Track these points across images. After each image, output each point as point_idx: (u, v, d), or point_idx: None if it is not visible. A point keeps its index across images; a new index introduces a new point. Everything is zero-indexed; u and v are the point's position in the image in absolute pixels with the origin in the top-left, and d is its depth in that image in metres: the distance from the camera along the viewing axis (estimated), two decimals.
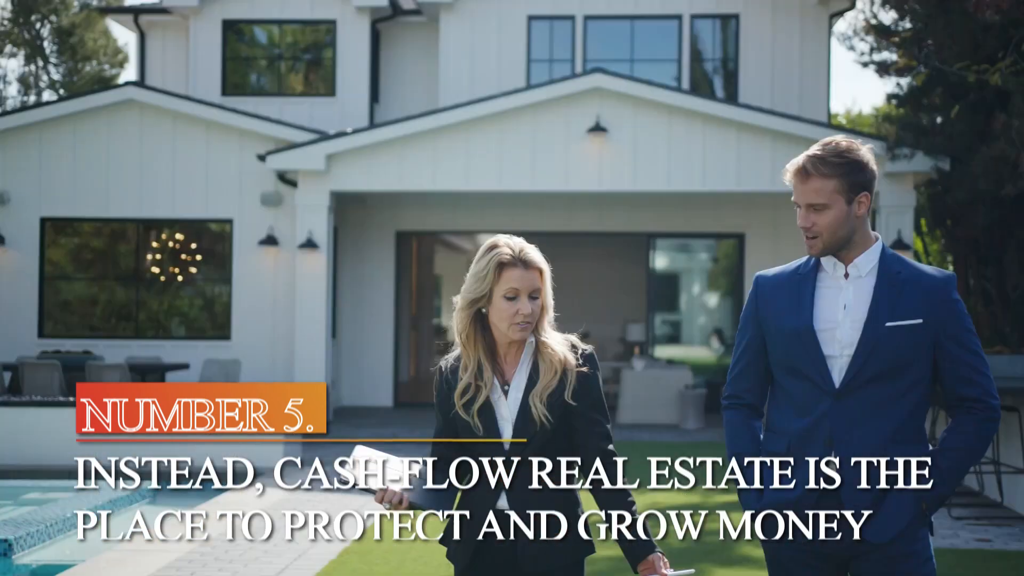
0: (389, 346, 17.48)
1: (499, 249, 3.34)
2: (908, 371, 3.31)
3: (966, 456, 3.33)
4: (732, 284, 17.85)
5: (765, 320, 3.45)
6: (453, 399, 3.37)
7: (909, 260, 3.42)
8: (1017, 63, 11.59)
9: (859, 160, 3.29)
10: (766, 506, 3.36)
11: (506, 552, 3.32)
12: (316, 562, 7.17)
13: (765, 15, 17.65)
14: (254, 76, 18.57)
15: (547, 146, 14.85)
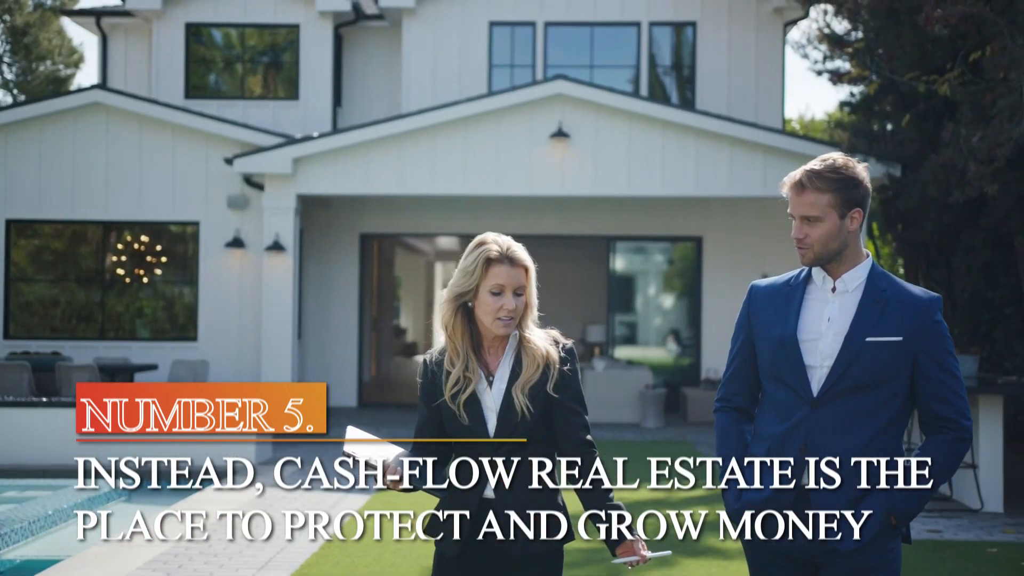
0: (353, 347, 17.70)
1: (487, 246, 3.45)
2: (885, 386, 3.41)
3: (937, 475, 3.40)
4: (689, 286, 18.23)
5: (755, 328, 3.57)
6: (440, 389, 3.49)
7: (897, 279, 3.52)
8: (964, 75, 12.03)
9: (854, 177, 3.42)
10: (742, 507, 3.49)
11: (493, 537, 3.42)
12: (297, 556, 7.41)
13: (722, 23, 18.05)
14: (217, 79, 18.69)
15: (511, 151, 15.15)
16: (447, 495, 3.47)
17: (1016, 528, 8.60)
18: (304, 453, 12.41)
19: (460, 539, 3.44)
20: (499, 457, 3.43)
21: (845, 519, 3.36)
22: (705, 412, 16.01)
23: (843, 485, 3.37)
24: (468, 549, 3.46)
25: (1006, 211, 12.52)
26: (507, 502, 3.42)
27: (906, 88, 13.33)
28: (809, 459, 3.38)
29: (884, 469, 3.39)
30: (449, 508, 3.47)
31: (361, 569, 7.08)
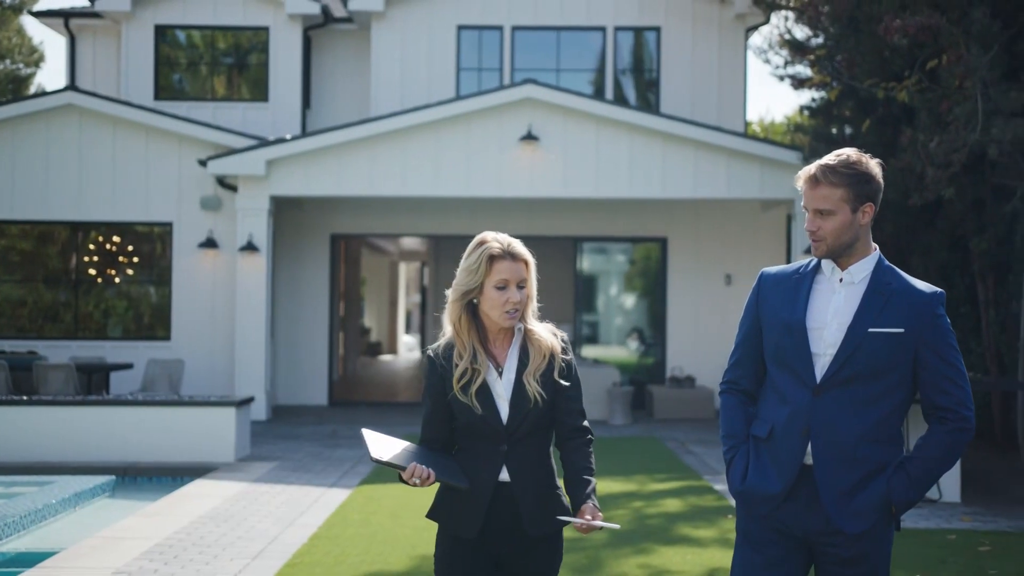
0: (324, 346, 17.92)
1: (488, 244, 3.62)
2: (886, 376, 3.49)
3: (937, 465, 3.50)
4: (653, 285, 18.58)
5: (763, 312, 3.65)
6: (449, 383, 3.62)
7: (902, 273, 3.58)
8: (922, 82, 12.46)
9: (867, 172, 3.49)
10: (748, 490, 3.58)
11: (510, 519, 3.60)
12: (289, 546, 7.65)
13: (685, 28, 18.43)
14: (187, 80, 18.81)
15: (481, 153, 15.44)
16: (469, 474, 3.60)
17: (972, 516, 9.01)
18: (280, 450, 12.66)
19: (480, 521, 3.57)
20: (512, 443, 3.60)
21: (850, 501, 3.47)
22: (670, 409, 16.37)
23: (845, 471, 3.47)
24: (486, 531, 3.60)
25: (961, 214, 12.96)
26: (522, 485, 3.60)
27: (866, 94, 13.74)
28: (812, 446, 3.48)
29: (885, 457, 3.50)
30: (466, 494, 3.59)
31: (352, 558, 7.34)
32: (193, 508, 8.99)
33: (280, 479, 10.58)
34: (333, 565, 7.12)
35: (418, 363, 29.41)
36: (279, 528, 8.27)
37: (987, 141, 11.31)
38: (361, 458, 12.07)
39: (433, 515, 3.70)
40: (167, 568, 6.94)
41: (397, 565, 7.18)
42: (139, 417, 11.51)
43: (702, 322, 17.72)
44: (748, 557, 3.60)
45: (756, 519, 3.58)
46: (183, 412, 11.55)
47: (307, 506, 9.22)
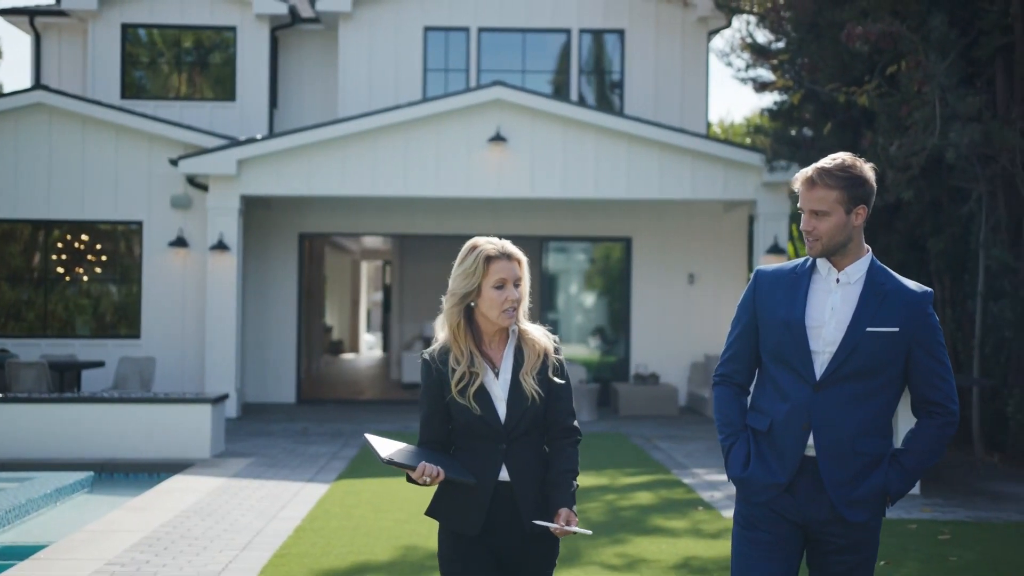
0: (292, 344, 18.05)
1: (483, 247, 3.72)
2: (881, 372, 3.63)
3: (927, 457, 3.68)
4: (613, 284, 18.86)
5: (761, 309, 3.76)
6: (447, 386, 3.70)
7: (893, 273, 3.72)
8: (882, 87, 12.83)
9: (860, 176, 3.62)
10: (751, 478, 3.70)
11: (511, 515, 3.69)
12: (275, 538, 7.85)
13: (649, 31, 18.73)
14: (154, 79, 18.85)
15: (450, 154, 15.65)
16: (474, 472, 3.68)
17: (932, 507, 9.36)
18: (254, 447, 12.81)
19: (483, 519, 3.67)
20: (510, 442, 3.70)
21: (851, 492, 3.62)
22: (636, 406, 16.66)
23: (846, 463, 3.62)
24: (487, 528, 3.69)
25: (919, 215, 13.35)
26: (522, 483, 3.70)
27: (827, 98, 14.10)
28: (813, 440, 3.63)
29: (880, 450, 3.66)
30: (468, 492, 3.69)
31: (338, 549, 7.55)
32: (176, 502, 9.16)
33: (258, 474, 10.75)
34: (320, 556, 7.32)
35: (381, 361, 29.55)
36: (263, 521, 8.46)
37: (945, 145, 11.69)
38: (335, 454, 12.26)
39: (433, 513, 3.78)
40: (158, 559, 7.12)
41: (383, 556, 7.39)
42: (116, 414, 11.64)
43: (666, 320, 18.03)
44: (748, 540, 3.72)
45: (755, 505, 3.71)
46: (160, 409, 11.69)
47: (287, 500, 9.41)
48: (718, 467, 11.55)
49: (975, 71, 12.75)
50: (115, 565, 6.93)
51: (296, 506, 9.15)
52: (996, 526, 8.69)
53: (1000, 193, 12.42)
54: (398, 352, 22.74)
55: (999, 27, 12.29)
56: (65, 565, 6.90)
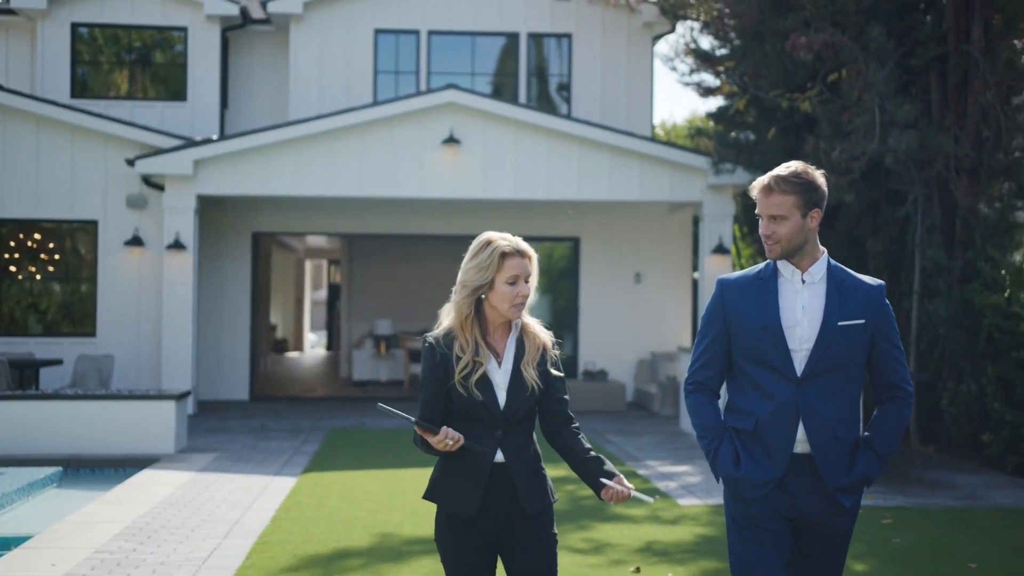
0: (246, 342, 18.25)
1: (497, 243, 3.87)
2: (852, 364, 3.87)
3: (894, 439, 3.94)
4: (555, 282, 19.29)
5: (732, 316, 3.93)
6: (451, 369, 3.85)
7: (848, 270, 3.96)
8: (823, 93, 13.39)
9: (813, 181, 3.86)
10: (746, 477, 3.85)
11: (507, 496, 3.85)
12: (253, 527, 8.14)
13: (595, 35, 19.17)
14: (104, 79, 18.90)
15: (405, 155, 15.97)
16: (465, 456, 3.82)
17: (875, 495, 9.88)
18: (216, 442, 13.04)
19: (479, 500, 3.82)
20: (507, 428, 3.86)
21: (843, 482, 3.84)
22: (585, 401, 17.08)
23: (836, 453, 3.84)
24: (484, 508, 3.84)
25: (858, 216, 13.92)
26: (517, 466, 3.86)
27: (770, 103, 14.64)
28: (800, 431, 3.82)
29: (856, 435, 3.90)
30: (464, 474, 3.84)
31: (317, 537, 7.87)
32: (150, 495, 9.40)
33: (224, 468, 11.01)
34: (301, 543, 7.64)
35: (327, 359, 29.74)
36: (238, 512, 8.75)
37: (884, 150, 12.27)
38: (297, 449, 12.54)
39: (431, 496, 3.92)
40: (144, 548, 7.39)
41: (361, 542, 7.73)
42: (81, 411, 11.83)
43: (613, 319, 18.50)
44: (747, 540, 3.88)
45: (750, 503, 3.87)
46: (125, 406, 11.90)
47: (258, 493, 9.70)
48: (671, 459, 12.01)
49: (911, 79, 13.33)
50: (103, 553, 7.19)
51: (268, 498, 9.44)
52: (934, 511, 9.24)
53: (935, 196, 13.01)
54: (348, 350, 22.98)
55: (934, 38, 12.89)
56: (55, 553, 7.15)
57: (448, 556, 3.89)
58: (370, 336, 21.64)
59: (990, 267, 12.15)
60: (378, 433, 14.09)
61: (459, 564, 3.86)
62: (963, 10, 12.67)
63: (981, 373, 12.05)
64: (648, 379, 18.14)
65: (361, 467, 11.25)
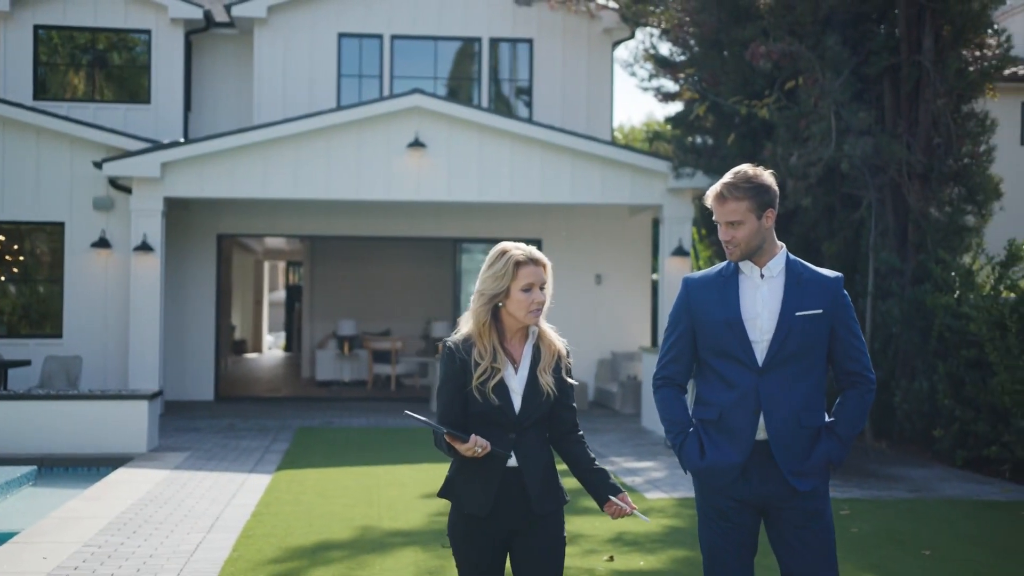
0: (211, 343, 18.41)
1: (512, 252, 3.99)
2: (812, 352, 4.02)
3: (857, 423, 4.08)
4: None
5: (696, 313, 4.12)
6: (469, 373, 3.96)
7: (806, 263, 4.12)
8: (781, 100, 13.79)
9: (763, 184, 4.01)
10: (711, 465, 4.03)
11: (519, 498, 3.97)
12: (235, 522, 8.37)
13: (556, 40, 19.51)
14: (67, 82, 18.94)
15: (371, 158, 16.19)
16: (480, 459, 3.93)
17: (832, 487, 10.20)
18: (187, 441, 13.22)
19: (491, 501, 3.94)
20: (520, 432, 3.98)
21: (800, 467, 3.99)
22: None
23: (795, 439, 3.99)
24: (496, 509, 3.96)
25: (815, 220, 14.33)
26: (529, 469, 3.98)
27: (729, 109, 15.03)
28: (761, 418, 3.99)
29: (820, 422, 4.05)
30: (478, 476, 3.97)
31: (299, 530, 8.11)
32: (129, 492, 9.59)
33: (198, 467, 11.21)
34: (284, 536, 7.89)
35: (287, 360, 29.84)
36: (218, 508, 8.97)
37: (840, 156, 12.68)
38: (268, 447, 12.75)
39: (445, 494, 4.07)
40: (132, 541, 7.61)
41: (342, 535, 7.99)
42: (56, 410, 11.97)
43: (574, 319, 18.81)
44: (718, 533, 4.08)
45: (716, 493, 4.06)
46: (99, 405, 12.06)
47: (235, 489, 9.91)
48: (635, 455, 12.36)
49: (865, 88, 13.75)
50: (92, 547, 7.40)
51: (245, 494, 9.66)
52: (889, 502, 9.64)
53: (888, 201, 13.44)
54: (311, 351, 23.15)
55: (887, 48, 13.32)
56: (44, 547, 7.34)
57: (460, 553, 4.02)
58: (334, 337, 21.83)
59: (941, 269, 12.59)
60: (346, 432, 14.32)
61: (470, 562, 4.00)
62: (915, 21, 13.12)
63: (932, 371, 12.49)
64: (609, 378, 18.49)
65: (333, 464, 11.49)
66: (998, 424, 11.34)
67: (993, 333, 11.20)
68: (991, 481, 10.95)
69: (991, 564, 7.41)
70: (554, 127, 16.65)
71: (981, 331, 11.30)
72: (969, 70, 13.10)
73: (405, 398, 19.01)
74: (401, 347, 20.91)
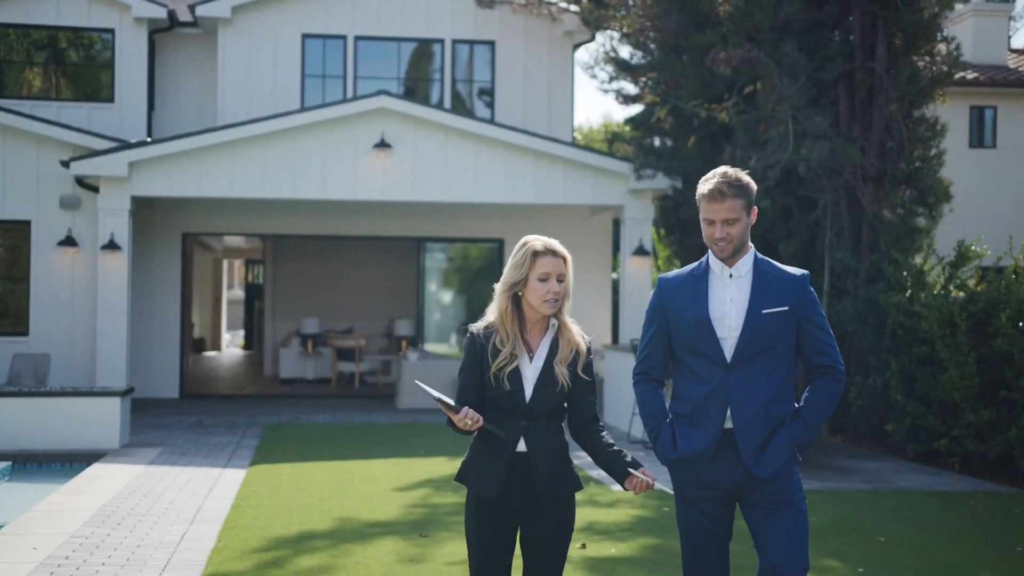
0: (176, 341, 18.55)
1: (532, 243, 4.18)
2: (779, 347, 4.21)
3: (824, 409, 4.27)
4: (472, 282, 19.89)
5: (669, 311, 4.33)
6: (488, 362, 4.14)
7: (774, 262, 4.32)
8: (739, 104, 14.18)
9: (750, 184, 4.24)
10: (682, 456, 4.23)
11: (526, 483, 4.14)
12: (217, 514, 8.60)
13: (518, 43, 19.81)
14: (29, 80, 18.96)
15: (337, 159, 16.41)
16: (492, 444, 4.13)
17: None
18: (157, 438, 13.39)
19: (500, 484, 4.11)
20: (530, 419, 4.14)
21: (763, 452, 4.18)
22: None
23: (759, 429, 4.19)
24: (505, 492, 4.13)
25: (772, 221, 14.74)
26: (537, 455, 4.13)
27: (688, 112, 15.41)
28: (731, 413, 4.19)
29: (788, 411, 4.25)
30: (489, 460, 4.15)
31: (279, 521, 8.36)
32: (108, 486, 9.78)
33: (172, 462, 11.40)
34: (266, 527, 8.14)
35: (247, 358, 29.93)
36: (198, 500, 9.19)
37: (797, 160, 13.09)
38: (239, 443, 12.97)
39: (460, 478, 4.26)
40: (118, 532, 7.82)
41: (322, 526, 8.24)
42: (29, 407, 12.12)
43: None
44: (694, 519, 4.30)
45: (691, 482, 4.28)
46: (71, 402, 12.23)
47: (212, 483, 10.13)
48: None
49: (821, 93, 14.17)
50: (79, 538, 7.61)
51: (222, 488, 9.89)
52: (845, 494, 10.04)
53: (843, 202, 13.87)
54: (274, 349, 23.31)
55: (842, 55, 13.74)
56: (34, 539, 7.54)
57: (472, 534, 4.21)
58: (297, 335, 22.01)
59: (893, 269, 13.03)
60: (314, 428, 14.55)
61: (480, 541, 4.18)
62: (868, 29, 13.55)
63: (885, 368, 12.93)
64: None
65: (305, 459, 11.72)
66: (948, 418, 11.78)
67: (943, 331, 11.64)
68: (941, 473, 11.40)
69: (943, 549, 7.82)
70: (517, 129, 16.93)
71: (932, 329, 11.73)
72: (920, 77, 13.53)
73: (368, 395, 19.24)
74: (365, 345, 21.13)
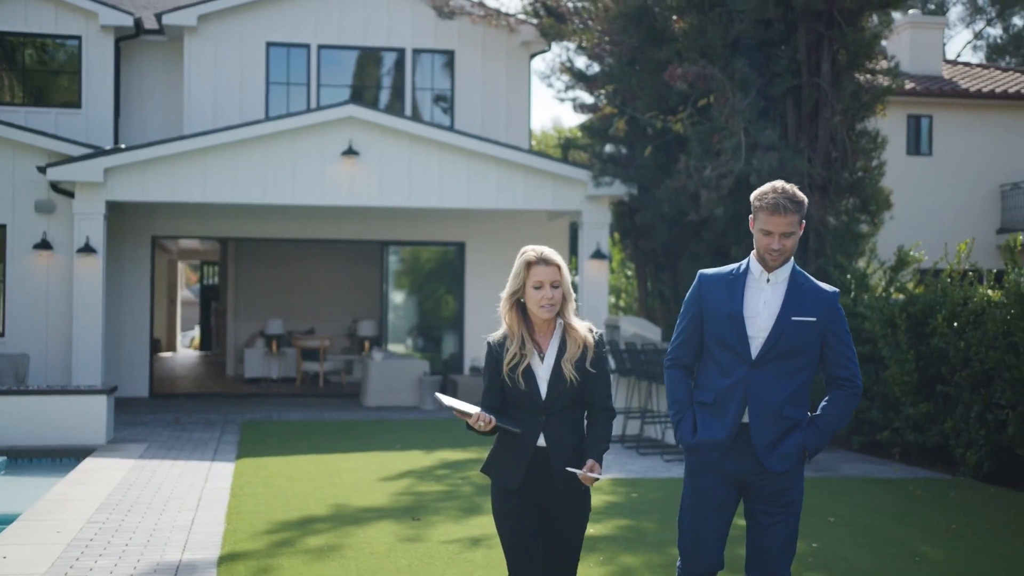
0: (145, 341, 19.02)
1: (527, 254, 4.45)
2: (802, 354, 4.42)
3: (838, 420, 4.47)
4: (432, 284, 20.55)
5: (706, 304, 4.55)
6: (502, 365, 4.42)
7: (809, 276, 4.54)
8: (694, 116, 14.99)
9: (805, 200, 4.46)
10: (700, 442, 4.47)
11: (545, 475, 4.40)
12: (219, 500, 9.20)
13: (476, 52, 20.51)
14: None
15: (306, 165, 17.00)
16: (514, 439, 4.40)
17: None
18: (141, 434, 13.92)
19: (522, 476, 4.38)
20: (549, 415, 4.41)
21: (775, 448, 4.42)
22: (473, 395, 18.38)
23: (772, 425, 4.42)
24: (527, 484, 4.41)
25: (724, 227, 15.56)
26: (556, 449, 4.40)
27: (645, 122, 16.19)
28: (749, 407, 4.43)
29: (801, 416, 4.46)
30: (511, 454, 4.43)
31: (279, 507, 8.98)
32: (106, 479, 10.34)
33: (161, 456, 11.96)
34: (268, 512, 8.76)
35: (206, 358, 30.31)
36: (196, 490, 9.78)
37: (749, 170, 13.91)
38: (220, 439, 13.54)
39: (486, 470, 4.54)
40: (131, 518, 8.41)
41: (319, 511, 8.89)
42: (17, 405, 12.61)
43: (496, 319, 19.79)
44: (698, 495, 4.56)
45: (704, 468, 4.54)
46: (60, 400, 12.74)
47: (205, 474, 10.72)
48: None
49: (770, 106, 15.01)
50: (96, 523, 8.19)
51: (216, 479, 10.48)
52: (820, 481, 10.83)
53: None
54: (236, 349, 23.79)
55: (790, 71, 14.59)
56: (52, 524, 8.10)
57: (500, 522, 4.49)
58: (261, 335, 22.51)
59: (838, 273, 13.88)
60: (288, 424, 15.13)
61: (507, 529, 4.46)
62: (814, 47, 14.40)
63: None
64: None
65: (289, 453, 12.33)
66: (889, 412, 12.64)
67: (885, 330, 12.50)
68: (884, 462, 12.27)
69: (887, 527, 8.64)
70: (480, 137, 17.63)
71: (874, 329, 12.59)
72: (863, 92, 14.39)
73: (333, 394, 19.83)
74: (329, 345, 21.70)
